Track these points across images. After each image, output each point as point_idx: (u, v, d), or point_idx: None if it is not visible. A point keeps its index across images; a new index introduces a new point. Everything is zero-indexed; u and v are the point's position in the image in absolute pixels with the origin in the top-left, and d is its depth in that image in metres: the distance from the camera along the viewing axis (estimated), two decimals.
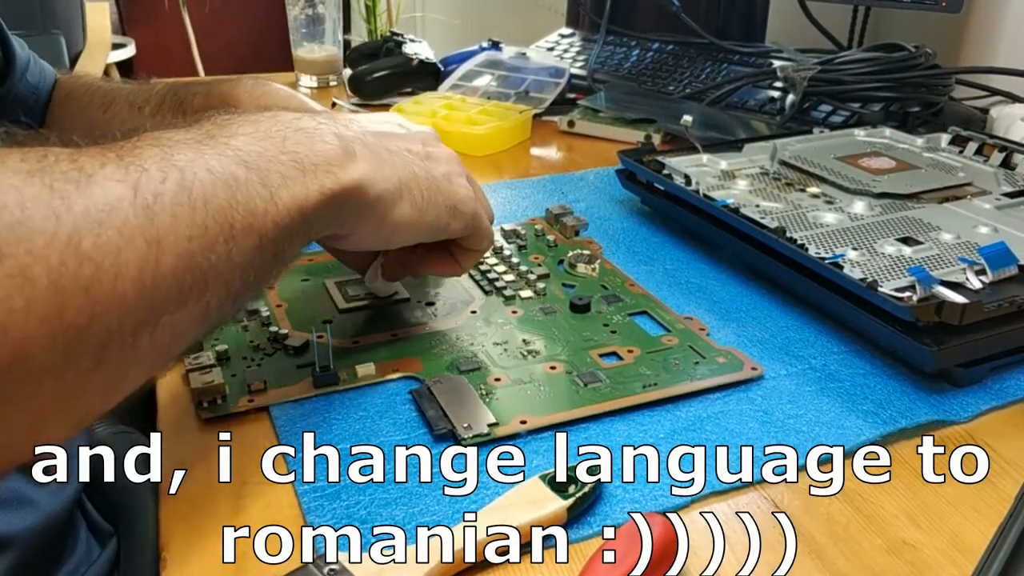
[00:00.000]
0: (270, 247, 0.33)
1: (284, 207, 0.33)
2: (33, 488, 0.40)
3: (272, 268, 0.34)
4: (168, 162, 0.30)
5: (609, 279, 0.54)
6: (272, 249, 0.33)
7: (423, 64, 0.98)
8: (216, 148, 0.32)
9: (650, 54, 1.04)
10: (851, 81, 0.81)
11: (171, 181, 0.29)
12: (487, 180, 0.74)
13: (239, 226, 0.31)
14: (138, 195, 0.28)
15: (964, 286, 0.46)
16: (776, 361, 0.46)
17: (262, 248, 0.32)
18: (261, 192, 0.32)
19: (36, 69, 0.64)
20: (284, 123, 0.36)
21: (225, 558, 0.33)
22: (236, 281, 0.32)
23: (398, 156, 0.40)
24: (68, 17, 1.91)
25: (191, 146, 0.31)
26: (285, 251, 0.34)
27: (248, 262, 0.32)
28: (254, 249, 0.32)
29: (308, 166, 0.35)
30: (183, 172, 0.30)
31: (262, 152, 0.33)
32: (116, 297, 0.27)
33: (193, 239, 0.29)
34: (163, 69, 2.82)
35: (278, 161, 0.34)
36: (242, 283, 0.32)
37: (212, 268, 0.30)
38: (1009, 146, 0.66)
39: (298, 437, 0.39)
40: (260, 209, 0.32)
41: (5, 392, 0.25)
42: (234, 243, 0.31)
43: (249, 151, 0.33)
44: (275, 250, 0.33)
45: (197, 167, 0.30)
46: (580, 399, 0.42)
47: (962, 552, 0.34)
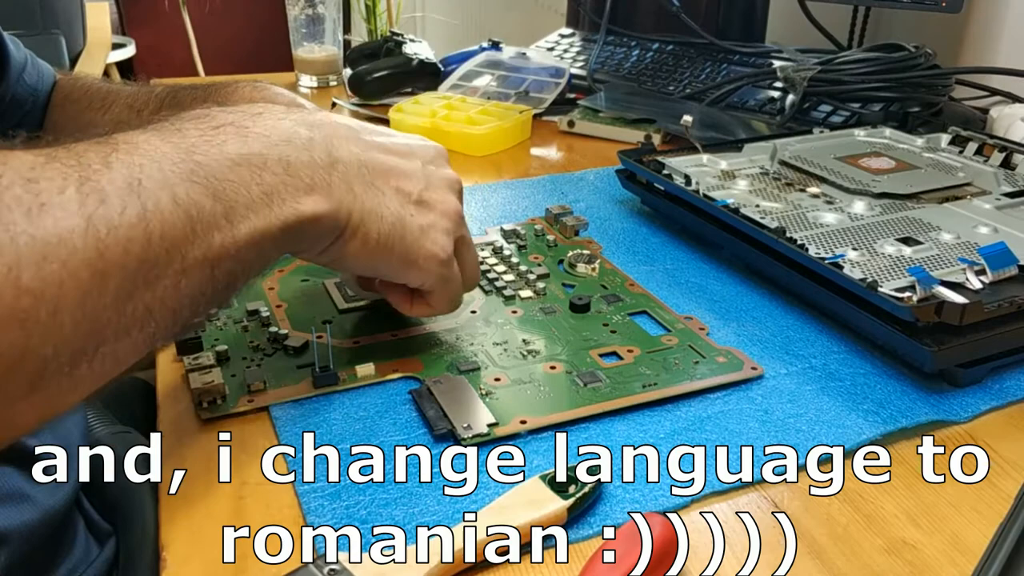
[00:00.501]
0: (223, 277, 0.33)
1: (242, 239, 0.33)
2: (30, 485, 0.40)
3: (224, 294, 0.34)
4: (132, 189, 0.29)
5: (609, 279, 0.54)
6: (225, 279, 0.33)
7: (423, 64, 0.97)
8: (190, 169, 0.31)
9: (650, 54, 1.04)
10: (851, 81, 0.81)
11: (130, 212, 0.29)
12: (487, 180, 0.74)
13: (192, 259, 0.31)
14: (91, 227, 0.28)
15: (964, 286, 0.46)
16: (776, 361, 0.46)
17: (214, 278, 0.32)
18: (221, 224, 0.32)
19: (34, 70, 0.64)
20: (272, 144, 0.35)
21: (225, 558, 0.33)
22: (184, 310, 0.31)
23: (375, 194, 0.39)
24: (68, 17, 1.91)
25: (164, 167, 0.31)
26: (238, 278, 0.34)
27: (198, 292, 0.32)
28: (206, 280, 0.32)
29: (277, 200, 0.34)
30: (145, 203, 0.29)
31: (236, 180, 0.33)
32: (53, 329, 0.27)
33: (142, 272, 0.29)
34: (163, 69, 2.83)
35: (248, 192, 0.33)
36: (191, 312, 0.32)
37: (159, 299, 0.30)
38: (1009, 146, 0.66)
39: (298, 437, 0.39)
40: (216, 242, 0.32)
41: None
42: (184, 275, 0.31)
43: (222, 177, 0.32)
44: (228, 279, 0.33)
45: (162, 195, 0.30)
46: (580, 399, 0.42)
47: (962, 552, 0.34)
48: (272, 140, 0.35)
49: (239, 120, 0.35)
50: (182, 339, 0.45)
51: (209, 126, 0.34)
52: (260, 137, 0.35)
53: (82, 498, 0.47)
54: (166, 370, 0.45)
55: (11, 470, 0.40)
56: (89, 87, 0.64)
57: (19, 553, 0.40)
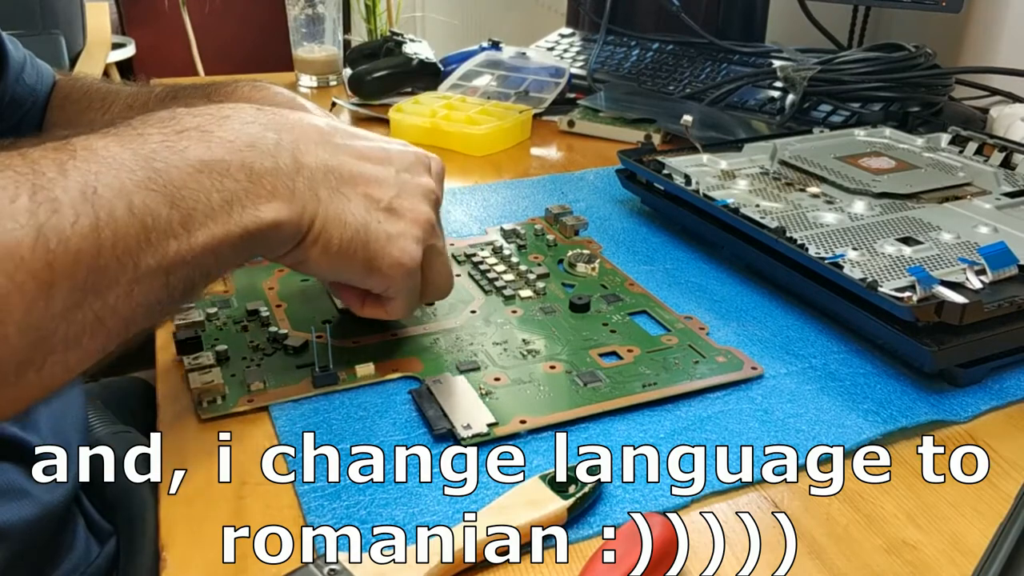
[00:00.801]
0: (179, 284, 0.32)
1: (199, 247, 0.32)
2: (28, 481, 0.40)
3: (181, 300, 0.34)
4: (86, 199, 0.29)
5: (609, 279, 0.54)
6: (181, 286, 0.32)
7: (423, 64, 0.97)
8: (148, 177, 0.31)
9: (650, 54, 1.04)
10: (851, 81, 0.81)
11: (83, 222, 0.29)
12: (487, 180, 0.74)
13: (145, 267, 0.31)
14: (40, 237, 0.27)
15: (964, 286, 0.46)
16: (776, 360, 0.46)
17: (169, 285, 0.32)
18: (178, 232, 0.32)
19: (33, 71, 0.64)
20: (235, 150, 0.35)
21: (225, 558, 0.33)
22: (138, 318, 0.31)
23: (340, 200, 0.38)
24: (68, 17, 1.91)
25: (121, 174, 0.30)
26: (196, 284, 0.34)
27: (152, 299, 0.31)
28: (160, 287, 0.32)
29: (237, 207, 0.34)
30: (99, 213, 0.29)
31: (196, 188, 0.32)
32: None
33: (92, 281, 0.29)
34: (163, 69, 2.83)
35: (208, 200, 0.33)
36: (144, 318, 0.32)
37: (110, 308, 0.30)
38: (1009, 146, 0.66)
39: (298, 437, 0.39)
40: (172, 250, 0.31)
41: None
42: (137, 283, 0.30)
43: (182, 184, 0.32)
44: (185, 286, 0.33)
45: (118, 204, 0.30)
46: (580, 399, 0.41)
47: (962, 552, 0.34)
48: (236, 146, 0.35)
49: (204, 124, 0.35)
50: (180, 340, 0.45)
51: (172, 130, 0.34)
52: (224, 143, 0.34)
53: (82, 497, 0.47)
54: (166, 370, 0.45)
55: (9, 466, 0.40)
56: (88, 87, 0.64)
57: (18, 550, 0.40)
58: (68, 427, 0.45)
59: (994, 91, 0.88)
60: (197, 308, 0.48)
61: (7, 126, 0.62)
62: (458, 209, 0.67)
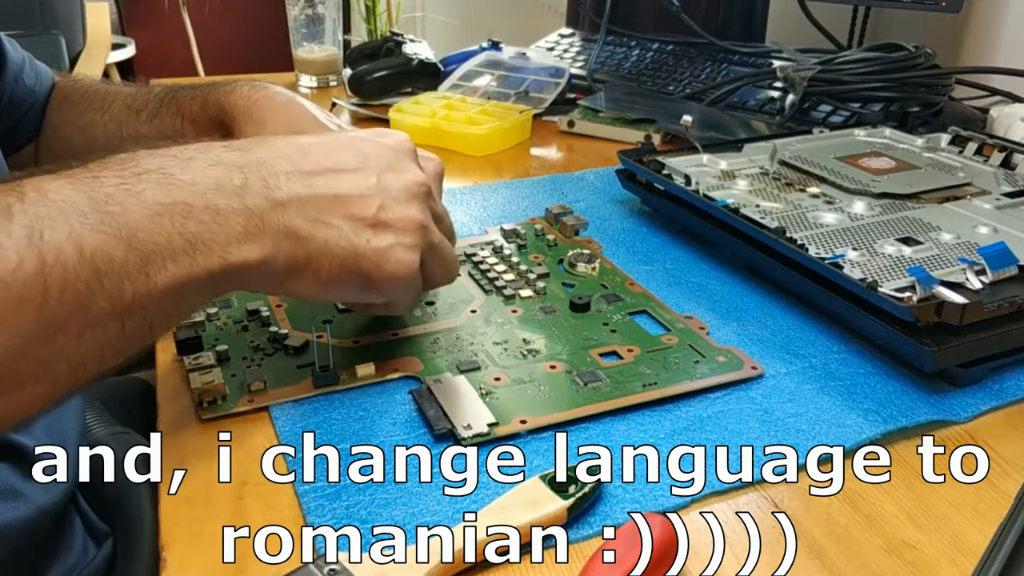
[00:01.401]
0: (135, 327, 0.31)
1: (159, 290, 0.31)
2: (23, 481, 0.40)
3: (141, 342, 0.32)
4: (32, 243, 0.28)
5: (609, 278, 0.54)
6: (137, 328, 0.31)
7: (423, 64, 0.97)
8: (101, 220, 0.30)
9: (650, 54, 1.04)
10: (851, 81, 0.81)
11: (27, 267, 0.28)
12: (487, 180, 0.74)
13: (98, 313, 0.30)
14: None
15: (964, 286, 0.46)
16: (776, 360, 0.46)
17: (124, 329, 0.31)
18: (135, 275, 0.30)
19: (32, 72, 0.64)
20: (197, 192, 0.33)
21: (225, 558, 0.33)
22: (90, 363, 0.30)
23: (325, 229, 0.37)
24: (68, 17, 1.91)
25: (72, 218, 0.29)
26: (156, 326, 0.33)
27: (105, 344, 0.31)
28: (115, 332, 0.31)
29: (201, 248, 0.32)
30: (44, 257, 0.28)
31: (156, 230, 0.31)
32: None
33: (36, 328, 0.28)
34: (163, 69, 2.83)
35: (169, 242, 0.32)
36: (97, 364, 0.31)
37: (56, 354, 0.29)
38: (1009, 146, 0.66)
39: (298, 437, 0.39)
40: (128, 294, 0.30)
41: None
42: (89, 329, 0.30)
43: (140, 227, 0.31)
44: (141, 328, 0.32)
45: (66, 247, 0.29)
46: (580, 399, 0.42)
47: (962, 552, 0.34)
48: (200, 188, 0.33)
49: (165, 166, 0.33)
50: (180, 340, 0.45)
51: (131, 172, 0.32)
52: (186, 185, 0.33)
53: (79, 498, 0.47)
54: (166, 370, 0.45)
55: (3, 466, 0.40)
56: (87, 88, 0.64)
57: (13, 551, 0.40)
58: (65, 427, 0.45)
59: (994, 91, 0.88)
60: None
61: (6, 127, 0.62)
62: (458, 209, 0.67)
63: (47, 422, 0.44)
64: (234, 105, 0.54)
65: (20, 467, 0.41)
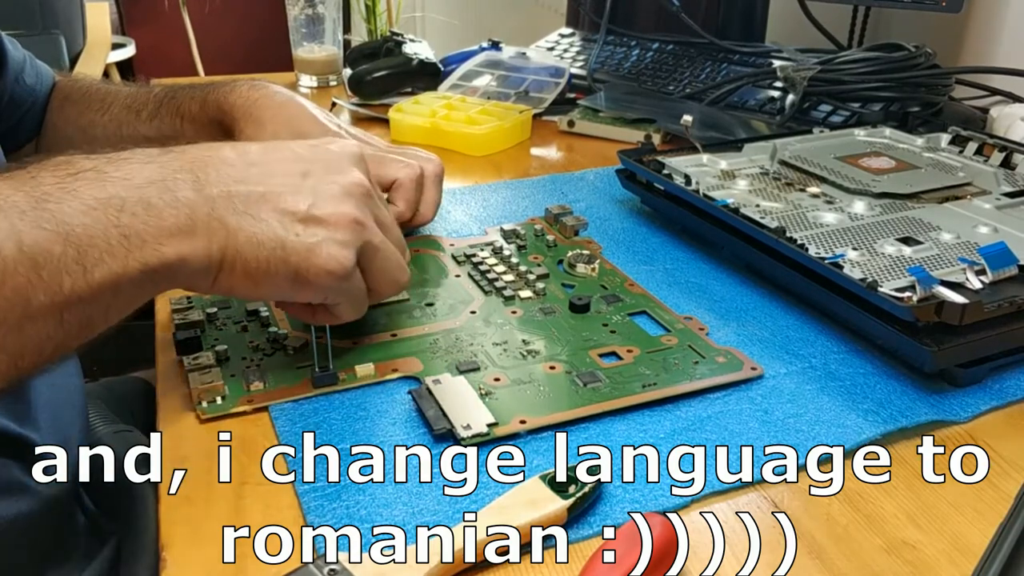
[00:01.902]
0: (73, 321, 0.32)
1: (96, 284, 0.32)
2: (27, 476, 0.40)
3: (78, 339, 0.33)
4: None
5: (609, 279, 0.54)
6: (76, 322, 0.32)
7: (423, 64, 0.97)
8: (39, 216, 0.31)
9: (650, 54, 1.04)
10: (851, 81, 0.81)
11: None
12: (487, 180, 0.74)
13: (37, 304, 0.31)
14: None
15: (964, 286, 0.46)
16: (776, 360, 0.46)
17: (63, 323, 0.32)
18: (73, 269, 0.31)
19: (33, 71, 0.64)
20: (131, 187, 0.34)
21: (225, 558, 0.33)
22: (27, 354, 0.31)
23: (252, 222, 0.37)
24: (68, 17, 1.91)
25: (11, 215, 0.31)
26: (95, 321, 0.33)
27: (44, 337, 0.31)
28: (54, 325, 0.31)
29: (136, 242, 0.33)
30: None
31: (90, 224, 0.32)
32: None
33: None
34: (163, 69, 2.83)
35: (104, 235, 0.32)
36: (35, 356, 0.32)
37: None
38: (1009, 146, 0.66)
39: (298, 437, 0.39)
40: (66, 287, 0.31)
41: None
42: (28, 321, 0.30)
43: (75, 223, 0.32)
44: (80, 322, 0.33)
45: (6, 243, 0.30)
46: (580, 399, 0.41)
47: (962, 552, 0.34)
48: (133, 183, 0.34)
49: (99, 166, 0.34)
50: (180, 340, 0.45)
51: (66, 173, 0.34)
52: (119, 181, 0.34)
53: (83, 497, 0.47)
54: (166, 370, 0.45)
55: (8, 461, 0.40)
56: (87, 88, 0.64)
57: (18, 546, 0.40)
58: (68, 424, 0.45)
59: (994, 91, 0.88)
60: (197, 308, 0.48)
61: (6, 127, 0.62)
62: (458, 209, 0.67)
63: (50, 418, 0.44)
64: (233, 105, 0.54)
65: (25, 462, 0.41)
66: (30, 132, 0.63)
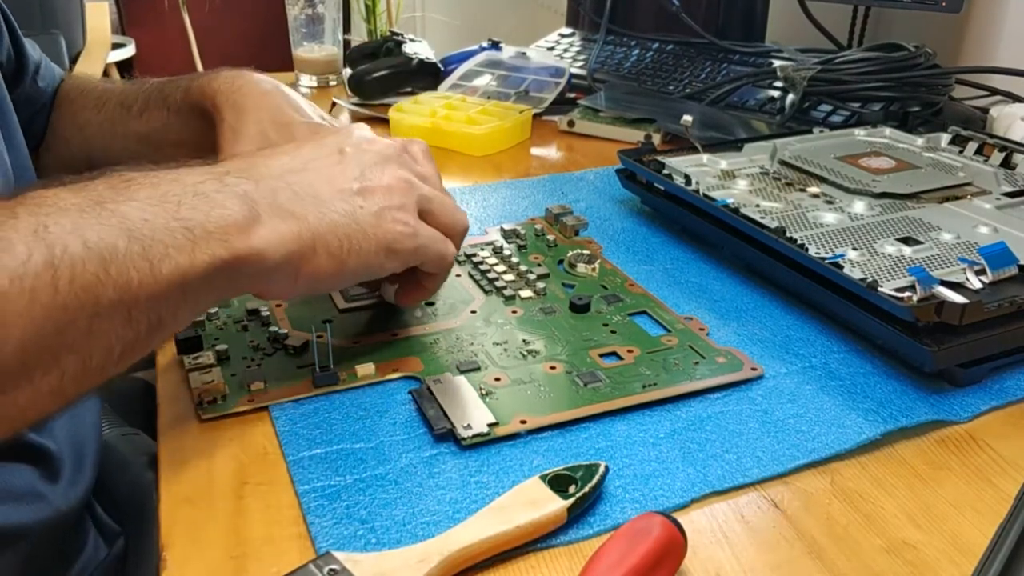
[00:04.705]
0: (143, 319, 0.32)
1: (164, 280, 0.32)
2: (44, 484, 0.41)
3: (150, 338, 0.33)
4: (38, 236, 0.29)
5: (609, 279, 0.54)
6: (146, 321, 0.32)
7: (423, 64, 0.97)
8: (100, 217, 0.31)
9: (650, 54, 1.04)
10: (851, 81, 0.81)
11: (36, 259, 0.29)
12: (487, 180, 0.74)
13: (106, 301, 0.30)
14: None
15: (964, 286, 0.46)
16: (776, 360, 0.46)
17: (132, 321, 0.31)
18: (139, 264, 0.31)
19: (47, 72, 0.64)
20: (185, 185, 0.34)
21: (225, 558, 0.33)
22: (97, 354, 0.31)
23: (318, 205, 0.38)
24: (68, 17, 1.91)
25: (72, 214, 0.30)
26: (165, 321, 0.33)
27: (114, 336, 0.31)
28: (123, 323, 0.31)
29: (200, 234, 0.33)
30: (52, 248, 0.29)
31: (151, 220, 0.32)
32: None
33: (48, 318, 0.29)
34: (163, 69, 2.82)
35: (167, 229, 0.32)
36: (104, 356, 0.31)
37: (66, 345, 0.30)
38: (1009, 146, 0.66)
39: (298, 437, 0.39)
40: (135, 283, 0.31)
41: None
42: (98, 318, 0.30)
43: (136, 219, 0.32)
44: (150, 322, 0.32)
45: (71, 240, 0.30)
46: (580, 399, 0.41)
47: (962, 552, 0.34)
48: (187, 183, 0.35)
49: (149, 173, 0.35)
50: (180, 339, 0.45)
51: (119, 180, 0.34)
52: (172, 182, 0.34)
53: (94, 503, 0.47)
54: (166, 370, 0.45)
55: (27, 468, 0.40)
56: (85, 87, 0.64)
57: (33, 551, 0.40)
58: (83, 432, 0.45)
59: (994, 91, 0.88)
60: None
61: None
62: None
63: (67, 427, 0.44)
64: (216, 91, 0.54)
65: (44, 470, 0.41)
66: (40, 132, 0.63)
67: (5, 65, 0.59)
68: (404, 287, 0.45)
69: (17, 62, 0.60)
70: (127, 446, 0.53)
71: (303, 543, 0.33)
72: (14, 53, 0.60)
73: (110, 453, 0.50)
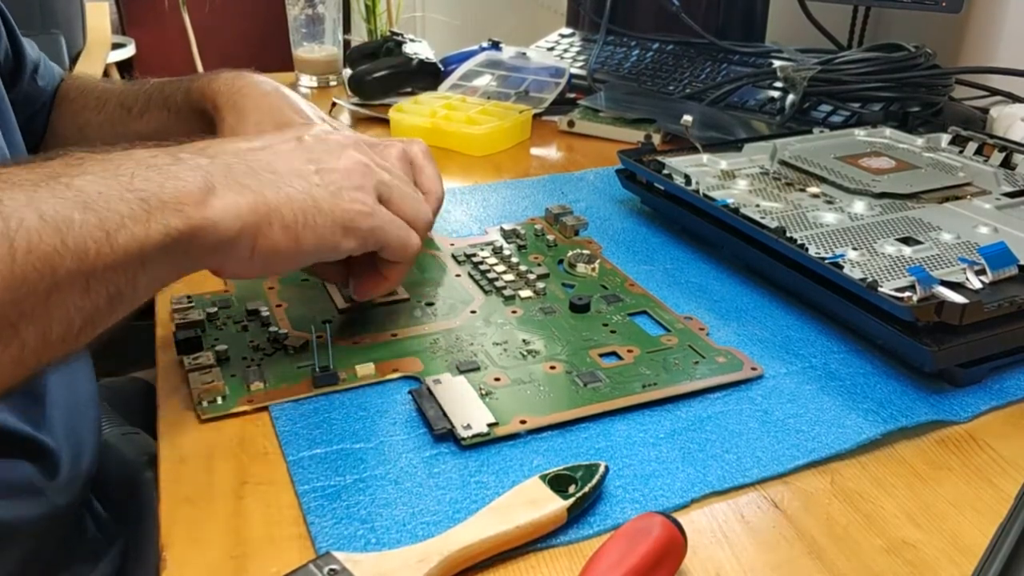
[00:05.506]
0: (101, 290, 0.32)
1: (121, 249, 0.32)
2: (41, 479, 0.41)
3: (110, 310, 0.33)
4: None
5: (609, 279, 0.54)
6: (104, 292, 0.32)
7: (423, 64, 0.97)
8: (55, 190, 0.31)
9: (650, 54, 1.04)
10: (851, 81, 0.81)
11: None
12: (487, 180, 0.74)
13: (64, 272, 0.30)
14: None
15: (964, 286, 0.46)
16: (776, 360, 0.46)
17: (91, 291, 0.31)
18: (96, 235, 0.31)
19: (47, 71, 0.64)
20: (137, 160, 0.34)
21: (225, 558, 0.33)
22: (56, 326, 0.31)
23: (274, 180, 0.38)
24: (68, 17, 1.91)
25: (26, 189, 0.31)
26: (124, 292, 0.33)
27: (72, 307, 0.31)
28: (81, 294, 0.31)
29: (156, 204, 0.33)
30: (7, 221, 0.29)
31: (104, 192, 0.32)
32: None
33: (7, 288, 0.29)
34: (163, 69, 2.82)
35: (122, 200, 0.32)
36: (64, 328, 0.31)
37: (25, 315, 0.30)
38: (1009, 146, 0.66)
39: (298, 437, 0.39)
40: (92, 252, 0.31)
41: None
42: (56, 289, 0.30)
43: (91, 191, 0.32)
44: (108, 292, 0.32)
45: (26, 212, 0.30)
46: (580, 399, 0.41)
47: (962, 552, 0.34)
48: (138, 157, 0.35)
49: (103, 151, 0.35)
50: (180, 340, 0.45)
51: (73, 158, 0.34)
52: (126, 158, 0.34)
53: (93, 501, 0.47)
54: (166, 370, 0.45)
55: (24, 463, 0.40)
56: (85, 87, 0.64)
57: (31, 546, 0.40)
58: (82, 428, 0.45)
59: (994, 91, 0.88)
60: (197, 308, 0.48)
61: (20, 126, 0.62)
62: (458, 209, 0.67)
63: (65, 422, 0.44)
64: (216, 92, 0.54)
65: (43, 466, 0.41)
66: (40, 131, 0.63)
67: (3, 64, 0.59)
68: (364, 276, 0.45)
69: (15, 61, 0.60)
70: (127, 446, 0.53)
71: (303, 543, 0.33)
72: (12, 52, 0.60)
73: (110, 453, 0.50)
